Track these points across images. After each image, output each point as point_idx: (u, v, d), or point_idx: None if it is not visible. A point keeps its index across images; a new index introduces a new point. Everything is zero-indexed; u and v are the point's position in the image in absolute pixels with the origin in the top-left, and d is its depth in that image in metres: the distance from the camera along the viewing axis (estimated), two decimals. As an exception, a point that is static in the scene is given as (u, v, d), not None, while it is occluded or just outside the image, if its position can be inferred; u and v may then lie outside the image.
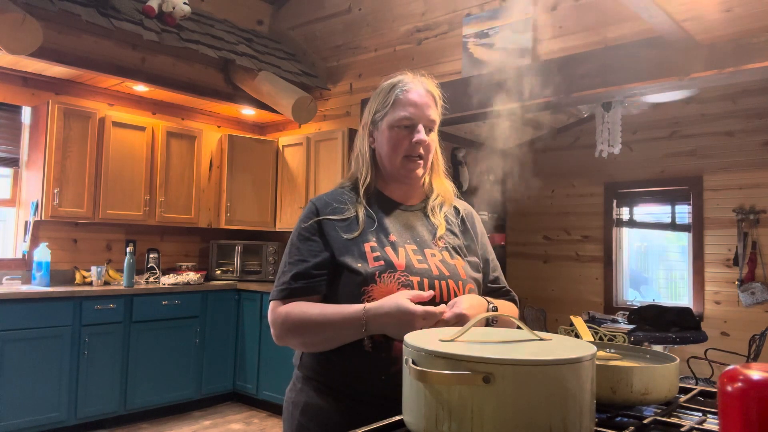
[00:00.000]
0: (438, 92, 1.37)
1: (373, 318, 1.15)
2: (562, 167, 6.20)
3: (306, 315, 1.22)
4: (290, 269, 1.29)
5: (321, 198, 1.37)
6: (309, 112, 4.49)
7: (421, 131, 1.30)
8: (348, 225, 1.30)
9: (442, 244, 1.33)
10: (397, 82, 1.34)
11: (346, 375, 1.23)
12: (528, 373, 0.75)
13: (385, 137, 1.32)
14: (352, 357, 1.22)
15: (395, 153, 1.31)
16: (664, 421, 0.92)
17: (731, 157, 5.19)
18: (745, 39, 2.96)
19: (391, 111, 1.31)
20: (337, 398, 1.24)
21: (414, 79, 1.34)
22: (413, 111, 1.30)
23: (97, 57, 4.10)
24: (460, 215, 1.43)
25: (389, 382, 1.13)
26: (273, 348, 4.47)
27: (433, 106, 1.33)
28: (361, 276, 1.22)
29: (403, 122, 1.30)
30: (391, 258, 1.25)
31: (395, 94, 1.32)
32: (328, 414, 1.24)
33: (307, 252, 1.29)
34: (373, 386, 1.19)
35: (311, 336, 1.23)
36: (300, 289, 1.27)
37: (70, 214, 4.13)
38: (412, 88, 1.32)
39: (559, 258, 6.26)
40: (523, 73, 3.70)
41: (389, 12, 4.61)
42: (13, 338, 3.55)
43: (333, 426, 1.23)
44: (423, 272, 1.25)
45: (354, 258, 1.25)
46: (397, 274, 1.23)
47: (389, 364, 1.18)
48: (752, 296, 4.95)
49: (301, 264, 1.28)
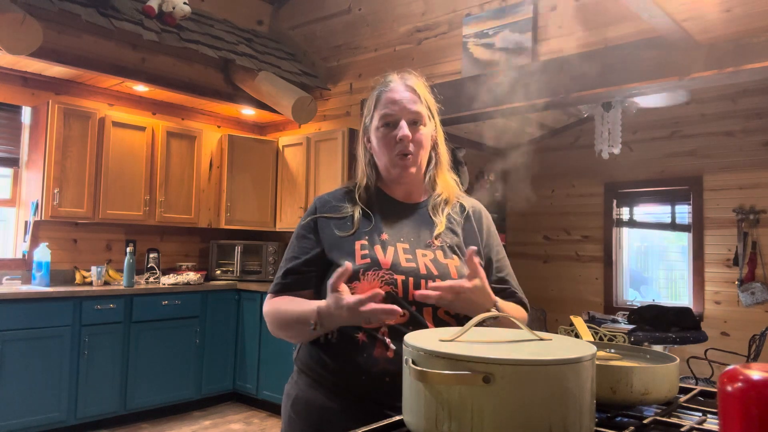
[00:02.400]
0: (422, 85, 1.37)
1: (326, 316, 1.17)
2: (562, 167, 6.20)
3: (281, 311, 1.29)
4: (284, 265, 1.35)
5: (322, 197, 1.41)
6: (309, 112, 4.49)
7: (403, 126, 1.30)
8: (343, 223, 1.33)
9: (439, 243, 1.32)
10: (380, 83, 1.37)
11: (334, 371, 1.25)
12: (528, 373, 0.75)
13: (375, 138, 1.35)
14: (340, 353, 1.24)
15: (385, 152, 1.33)
16: (664, 421, 0.92)
17: (731, 157, 5.19)
18: (745, 39, 2.96)
19: (375, 112, 1.35)
20: (325, 393, 1.26)
21: (396, 78, 1.36)
22: (393, 107, 1.31)
23: (97, 57, 4.10)
24: (466, 212, 1.41)
25: (375, 382, 1.18)
26: (273, 348, 4.47)
27: (416, 100, 1.33)
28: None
29: (385, 119, 1.32)
30: (378, 256, 1.27)
31: (377, 95, 1.35)
32: (315, 408, 1.27)
33: (299, 249, 1.34)
34: (359, 384, 1.21)
35: (285, 330, 1.29)
36: (290, 284, 1.32)
37: (70, 214, 4.13)
38: (393, 87, 1.34)
39: (559, 258, 6.26)
40: (523, 73, 3.70)
41: (389, 12, 4.61)
42: (13, 338, 3.55)
43: (318, 420, 1.25)
44: (409, 271, 1.25)
45: (342, 255, 1.27)
46: (381, 272, 1.25)
47: (373, 363, 1.20)
48: (752, 296, 4.95)
49: (293, 261, 1.33)
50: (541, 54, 3.73)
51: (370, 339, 1.21)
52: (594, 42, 3.51)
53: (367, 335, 1.22)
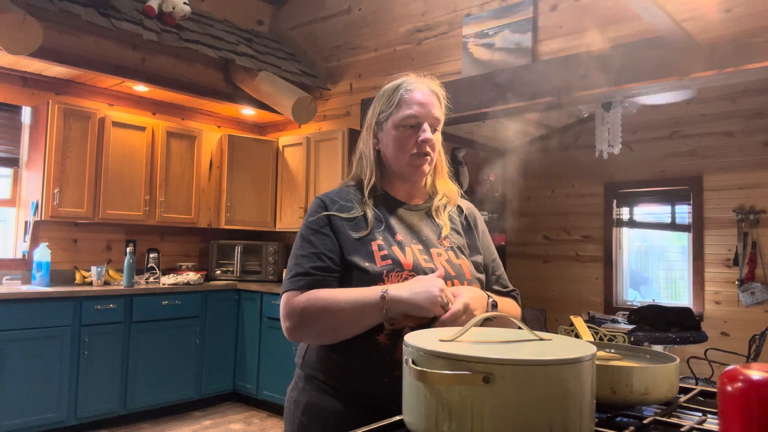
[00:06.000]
0: (442, 92, 1.38)
1: (395, 289, 1.16)
2: (562, 167, 6.20)
3: (328, 296, 1.20)
4: (306, 261, 1.26)
5: (327, 195, 1.36)
6: (309, 112, 4.49)
7: (426, 130, 1.31)
8: (356, 224, 1.30)
9: (447, 244, 1.34)
10: (401, 82, 1.35)
11: (349, 375, 1.23)
12: (528, 373, 0.75)
13: (390, 137, 1.33)
14: (356, 357, 1.22)
15: (402, 152, 1.32)
16: (664, 421, 0.92)
17: (731, 157, 5.19)
18: (745, 39, 2.96)
19: (396, 111, 1.32)
20: (339, 398, 1.24)
21: (418, 80, 1.36)
22: (418, 110, 1.31)
23: (97, 57, 4.10)
24: (464, 214, 1.44)
25: (392, 385, 1.11)
26: (273, 348, 4.47)
27: (437, 105, 1.35)
28: (369, 275, 1.23)
29: (408, 121, 1.31)
30: (399, 257, 1.26)
31: (400, 94, 1.33)
32: (331, 414, 1.24)
33: (321, 245, 1.27)
34: (375, 388, 1.19)
35: (332, 318, 1.19)
36: (319, 281, 1.24)
37: (70, 214, 4.13)
38: (417, 88, 1.33)
39: (559, 258, 6.26)
40: (523, 73, 3.70)
41: (389, 12, 4.61)
42: (13, 338, 3.55)
43: (334, 426, 1.22)
44: (429, 272, 1.26)
45: (362, 257, 1.25)
46: (405, 273, 1.24)
47: (393, 367, 1.18)
48: (752, 296, 4.95)
49: (318, 256, 1.26)
50: (541, 54, 3.73)
51: (392, 341, 1.20)
52: (594, 42, 3.51)
53: (388, 338, 1.20)
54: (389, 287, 1.17)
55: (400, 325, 1.19)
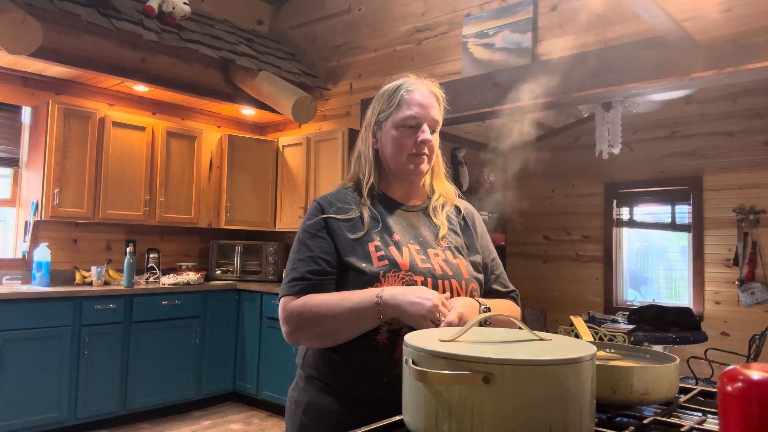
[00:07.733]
0: (442, 94, 1.39)
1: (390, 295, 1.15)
2: (562, 167, 6.20)
3: (324, 301, 1.21)
4: (302, 265, 1.27)
5: (325, 197, 1.37)
6: (309, 112, 4.49)
7: (425, 131, 1.32)
8: (353, 225, 1.30)
9: (445, 244, 1.34)
10: (401, 83, 1.36)
11: (349, 375, 1.23)
12: (528, 373, 0.75)
13: (390, 137, 1.34)
14: (355, 357, 1.22)
15: (400, 152, 1.33)
16: (664, 421, 0.92)
17: (731, 157, 5.18)
18: (745, 39, 2.96)
19: (396, 111, 1.33)
20: (339, 398, 1.24)
21: (418, 81, 1.36)
22: (418, 110, 1.32)
23: (97, 57, 4.10)
24: (461, 214, 1.45)
25: (392, 385, 1.12)
26: (273, 348, 4.47)
27: (437, 107, 1.36)
28: (366, 276, 1.23)
29: (408, 121, 1.32)
30: (395, 257, 1.26)
31: (400, 94, 1.34)
32: (331, 413, 1.24)
33: (317, 248, 1.28)
34: (375, 388, 1.19)
35: (329, 323, 1.20)
36: (315, 285, 1.25)
37: (70, 214, 4.13)
38: (417, 89, 1.34)
39: (559, 258, 6.26)
40: (523, 73, 3.70)
41: (389, 12, 4.61)
42: (13, 338, 3.55)
43: (335, 426, 1.22)
44: (426, 272, 1.26)
45: (359, 258, 1.26)
46: (402, 273, 1.24)
47: (393, 366, 1.18)
48: (752, 296, 4.95)
49: (313, 260, 1.27)
50: (541, 54, 3.73)
51: (391, 341, 1.20)
52: (594, 42, 3.51)
53: (387, 337, 1.20)
54: (384, 291, 1.17)
55: (398, 324, 1.20)
